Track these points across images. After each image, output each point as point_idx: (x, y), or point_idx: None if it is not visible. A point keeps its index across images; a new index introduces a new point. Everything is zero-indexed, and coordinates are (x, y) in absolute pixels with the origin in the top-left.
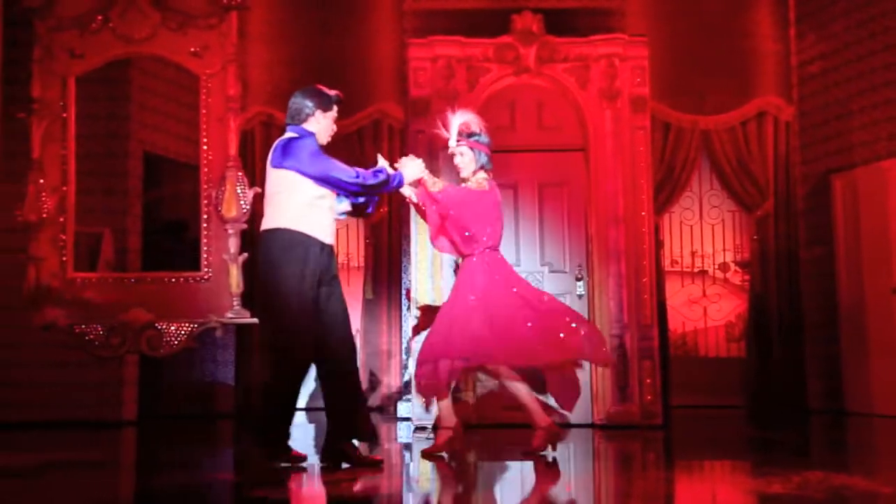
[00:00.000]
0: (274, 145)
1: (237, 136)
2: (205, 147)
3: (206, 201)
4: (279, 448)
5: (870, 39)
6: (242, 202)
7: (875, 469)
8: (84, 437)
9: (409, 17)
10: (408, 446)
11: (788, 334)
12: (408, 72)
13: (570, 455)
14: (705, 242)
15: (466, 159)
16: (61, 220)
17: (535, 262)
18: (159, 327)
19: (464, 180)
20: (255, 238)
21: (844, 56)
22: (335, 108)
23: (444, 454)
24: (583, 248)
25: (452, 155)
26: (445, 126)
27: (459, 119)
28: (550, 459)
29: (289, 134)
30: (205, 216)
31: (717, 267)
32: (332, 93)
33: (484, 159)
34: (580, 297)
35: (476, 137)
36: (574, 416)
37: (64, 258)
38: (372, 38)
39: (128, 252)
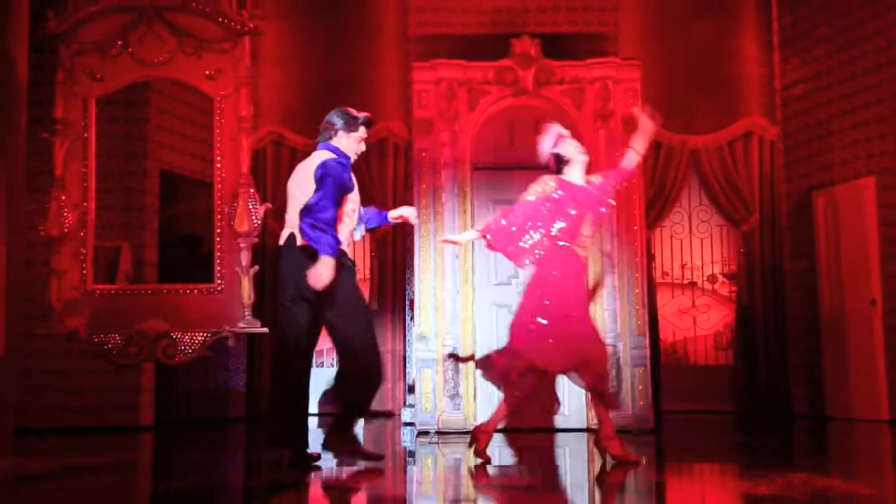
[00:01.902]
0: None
1: (249, 155)
2: (218, 165)
3: (219, 217)
4: (294, 451)
5: (849, 64)
6: (254, 217)
7: (855, 472)
8: (103, 441)
9: (413, 41)
10: (411, 453)
11: (773, 343)
12: (412, 93)
13: (566, 457)
14: (694, 255)
15: (584, 159)
16: (82, 234)
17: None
18: (174, 337)
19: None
20: (266, 251)
21: (825, 79)
22: (362, 128)
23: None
24: None
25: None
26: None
27: (553, 132)
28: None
29: (319, 150)
30: (218, 231)
31: (705, 279)
32: (362, 115)
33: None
34: None
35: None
36: (571, 421)
37: (84, 271)
38: (378, 61)
39: (145, 265)
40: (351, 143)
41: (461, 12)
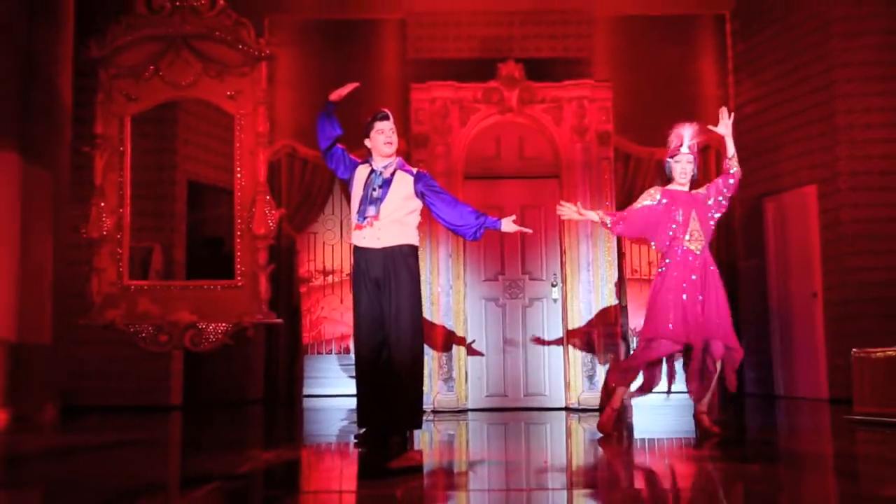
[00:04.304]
0: None
1: (266, 166)
2: (238, 175)
3: (239, 221)
4: (366, 428)
5: (794, 86)
6: (269, 221)
7: (800, 442)
8: (138, 419)
9: (411, 65)
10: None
11: None
12: (410, 111)
13: (547, 432)
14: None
15: (692, 167)
16: (118, 236)
17: (518, 270)
18: (200, 327)
19: (676, 185)
20: (280, 251)
21: (774, 99)
22: (376, 124)
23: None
24: (557, 259)
25: (675, 159)
26: (676, 135)
27: (688, 131)
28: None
29: None
30: (238, 233)
31: None
32: (374, 115)
33: (695, 173)
34: (555, 300)
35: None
36: (550, 401)
37: (121, 269)
38: (380, 82)
39: (174, 263)
40: (375, 143)
41: (454, 39)
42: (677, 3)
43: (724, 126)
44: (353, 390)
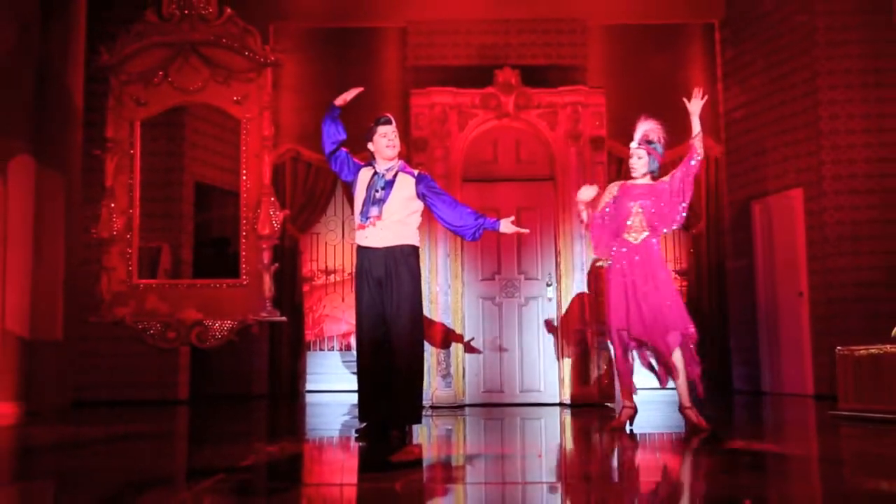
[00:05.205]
0: None
1: (270, 169)
2: (244, 177)
3: (244, 221)
4: (367, 422)
5: (780, 92)
6: (274, 222)
7: (785, 437)
8: (146, 412)
9: (411, 71)
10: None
11: (717, 329)
12: (409, 116)
13: (542, 427)
14: None
15: (641, 162)
16: (128, 236)
17: (514, 270)
18: (207, 324)
19: (632, 179)
20: (284, 251)
21: (761, 105)
22: (379, 128)
23: (627, 428)
24: (552, 260)
25: (629, 155)
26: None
27: (645, 126)
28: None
29: None
30: (243, 234)
31: None
32: (377, 120)
33: (654, 166)
34: (550, 300)
35: (654, 146)
36: (545, 397)
37: (130, 268)
38: (381, 88)
39: (181, 263)
40: (378, 146)
41: (452, 46)
42: (668, 12)
43: (695, 104)
44: (355, 386)
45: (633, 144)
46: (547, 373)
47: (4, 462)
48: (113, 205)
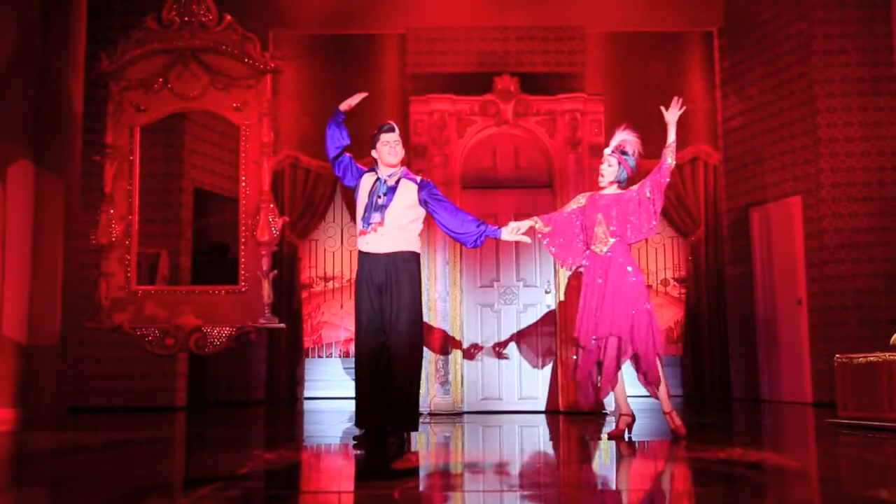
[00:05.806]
0: None
1: (269, 175)
2: (243, 184)
3: (243, 228)
4: (363, 427)
5: (778, 101)
6: (273, 229)
7: (784, 446)
8: (144, 419)
9: (410, 79)
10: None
11: (716, 337)
12: (409, 123)
13: (540, 434)
14: (650, 262)
15: (611, 170)
16: (127, 242)
17: (513, 277)
18: (205, 330)
19: (600, 188)
20: (283, 258)
21: (759, 113)
22: (382, 136)
23: (626, 436)
24: (550, 267)
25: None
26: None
27: (622, 136)
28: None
29: None
30: (242, 240)
31: (659, 282)
32: (380, 127)
33: (623, 176)
34: (548, 306)
35: (626, 157)
36: (543, 404)
37: (129, 274)
38: (380, 95)
39: (180, 269)
40: (381, 153)
41: (451, 54)
42: (666, 20)
43: (672, 113)
44: (352, 393)
45: (607, 151)
46: (545, 380)
47: (2, 468)
48: (112, 211)
